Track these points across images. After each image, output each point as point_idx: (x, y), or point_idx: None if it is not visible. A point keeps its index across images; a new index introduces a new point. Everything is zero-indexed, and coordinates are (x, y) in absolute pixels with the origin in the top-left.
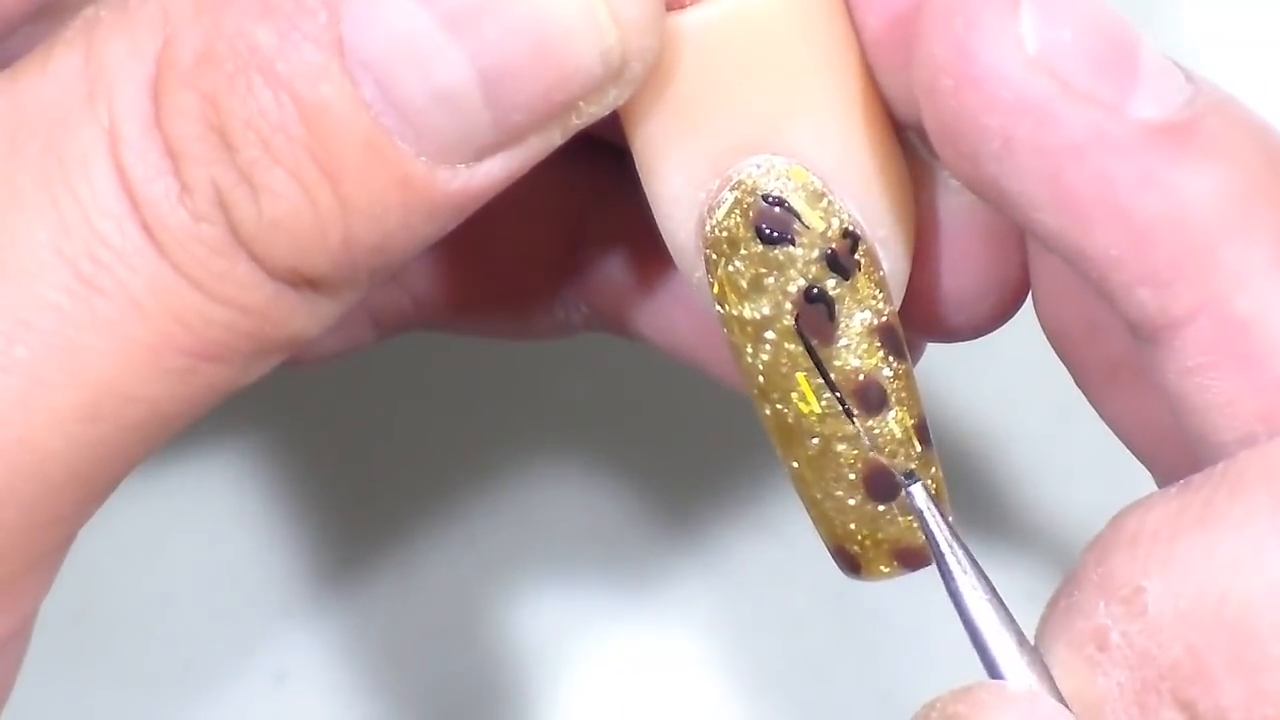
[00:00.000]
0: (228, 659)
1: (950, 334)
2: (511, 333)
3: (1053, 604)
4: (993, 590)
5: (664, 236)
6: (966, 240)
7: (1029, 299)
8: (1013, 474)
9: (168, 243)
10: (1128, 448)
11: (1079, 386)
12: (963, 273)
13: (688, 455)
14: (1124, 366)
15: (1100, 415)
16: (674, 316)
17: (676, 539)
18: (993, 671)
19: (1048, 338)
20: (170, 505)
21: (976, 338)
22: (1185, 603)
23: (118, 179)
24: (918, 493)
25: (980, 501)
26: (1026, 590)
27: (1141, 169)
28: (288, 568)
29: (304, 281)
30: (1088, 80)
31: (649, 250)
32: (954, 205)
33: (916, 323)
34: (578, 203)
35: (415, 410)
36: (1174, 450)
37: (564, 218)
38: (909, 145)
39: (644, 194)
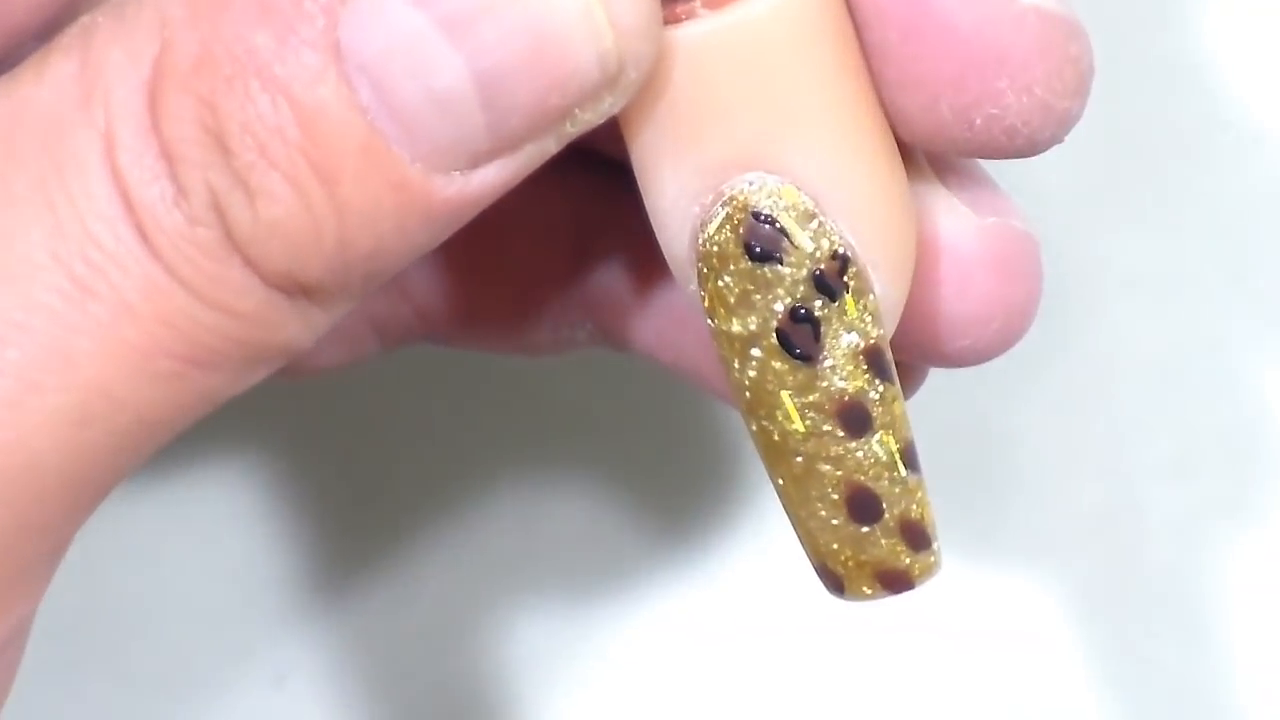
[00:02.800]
0: (228, 661)
1: (952, 360)
2: (514, 347)
3: None
4: None
5: (662, 248)
6: (971, 266)
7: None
8: (1011, 474)
9: (162, 246)
10: None
11: None
12: (966, 299)
13: (687, 464)
14: None
15: None
16: (676, 334)
17: (675, 545)
18: None
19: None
20: (171, 508)
21: (979, 364)
22: None
23: (113, 182)
24: None
25: (978, 503)
26: (1024, 592)
27: None
28: (289, 570)
29: (298, 288)
30: None
31: (653, 267)
32: (960, 230)
33: (918, 348)
34: (582, 218)
35: (417, 416)
36: None
37: (568, 233)
38: (918, 168)
39: (644, 206)
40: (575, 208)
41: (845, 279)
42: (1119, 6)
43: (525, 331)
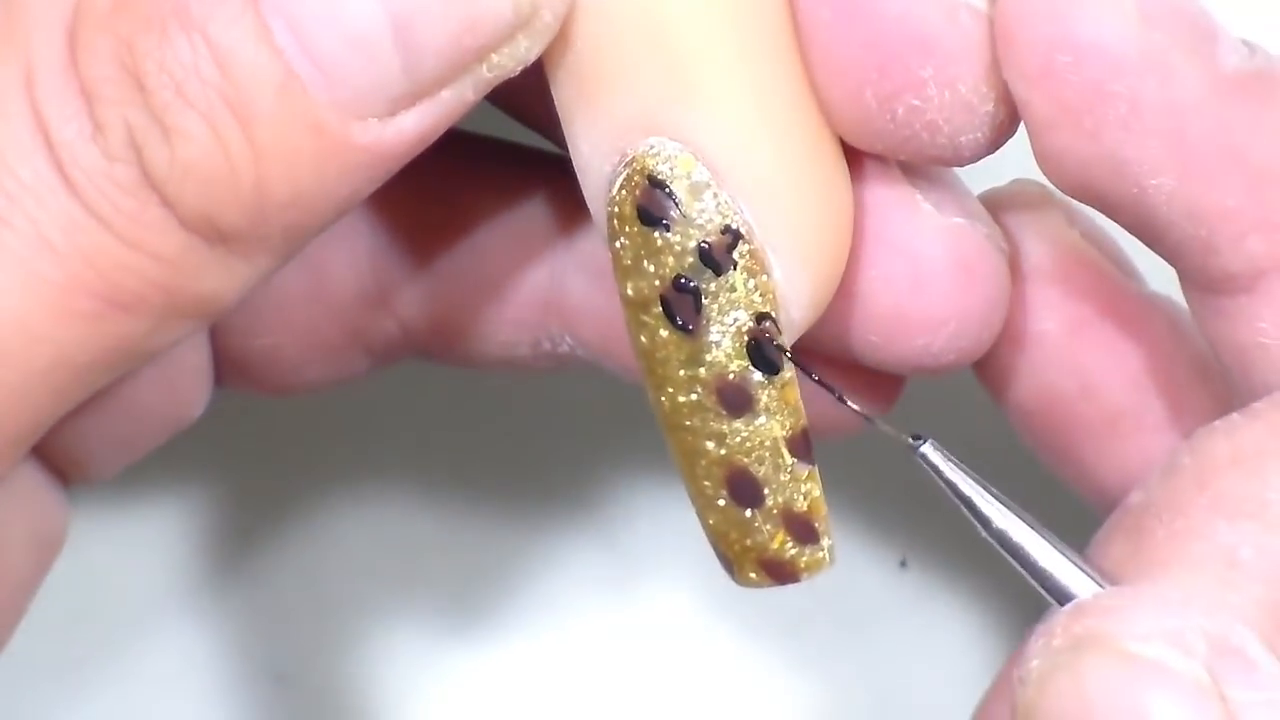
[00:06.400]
0: (228, 659)
1: (911, 363)
2: (499, 363)
3: (1122, 540)
4: (1039, 523)
5: (589, 204)
6: (927, 264)
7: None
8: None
9: (79, 181)
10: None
11: (1052, 459)
12: (921, 298)
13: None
14: (1125, 415)
15: (1081, 480)
16: None
17: (680, 541)
18: (1066, 597)
19: (1020, 421)
20: (169, 507)
21: (942, 373)
22: None
23: (32, 118)
24: (928, 452)
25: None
26: (1021, 597)
27: (1251, 115)
28: (288, 569)
29: (216, 234)
30: (1189, 35)
31: None
32: (919, 227)
33: (870, 346)
34: (560, 231)
35: (416, 416)
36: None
37: (546, 245)
38: (885, 164)
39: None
40: (553, 220)
41: (734, 256)
42: None
43: (507, 346)
